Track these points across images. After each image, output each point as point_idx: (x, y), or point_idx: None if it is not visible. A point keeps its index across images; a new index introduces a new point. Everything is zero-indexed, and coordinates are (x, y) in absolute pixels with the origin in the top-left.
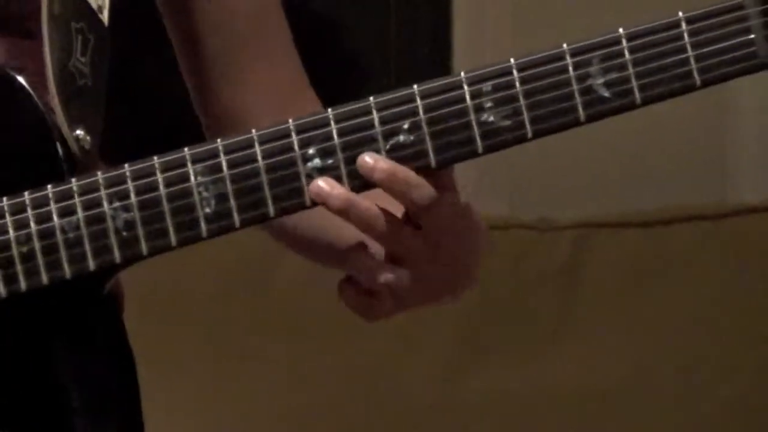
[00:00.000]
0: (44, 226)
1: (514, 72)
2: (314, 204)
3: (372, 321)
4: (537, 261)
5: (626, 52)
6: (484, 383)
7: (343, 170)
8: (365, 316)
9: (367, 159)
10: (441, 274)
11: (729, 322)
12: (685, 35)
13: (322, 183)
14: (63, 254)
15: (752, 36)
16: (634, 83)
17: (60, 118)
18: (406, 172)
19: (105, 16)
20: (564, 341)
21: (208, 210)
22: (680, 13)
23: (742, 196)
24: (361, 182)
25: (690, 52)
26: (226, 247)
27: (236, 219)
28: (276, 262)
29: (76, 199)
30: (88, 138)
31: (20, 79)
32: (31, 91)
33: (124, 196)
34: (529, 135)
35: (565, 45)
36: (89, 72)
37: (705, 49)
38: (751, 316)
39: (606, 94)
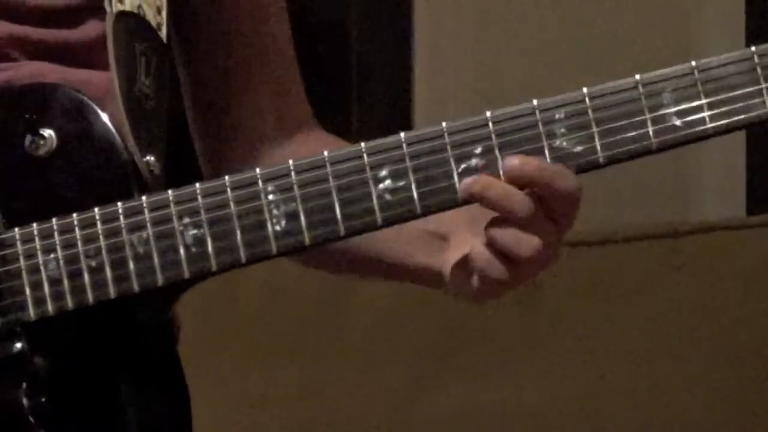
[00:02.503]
0: (113, 240)
1: (587, 100)
2: (385, 224)
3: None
4: None
5: (698, 84)
6: (447, 400)
7: (414, 192)
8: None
9: (515, 160)
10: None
11: (688, 339)
12: (758, 69)
13: (475, 178)
14: (132, 268)
15: None
16: (706, 113)
17: (132, 145)
18: (554, 166)
19: (164, 34)
20: (525, 359)
21: (278, 227)
22: (753, 48)
23: (702, 215)
24: (428, 204)
25: (763, 84)
26: None
27: (306, 237)
28: (238, 282)
29: (146, 215)
30: (158, 164)
31: (92, 104)
32: (106, 119)
33: (194, 212)
34: (602, 161)
35: (637, 76)
36: (153, 94)
37: None
38: (711, 333)
39: (677, 122)
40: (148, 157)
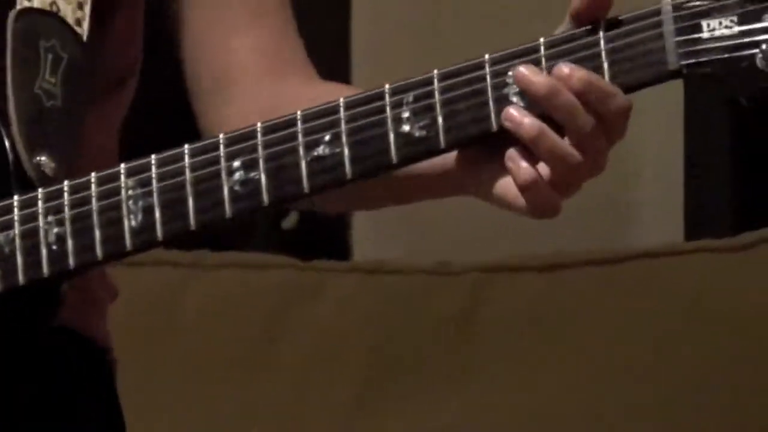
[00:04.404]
0: None
1: (435, 82)
2: (234, 216)
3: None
4: (435, 306)
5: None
6: (382, 428)
7: (263, 183)
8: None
9: (564, 69)
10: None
11: (627, 366)
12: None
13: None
14: None
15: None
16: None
17: (18, 143)
18: (600, 81)
19: (84, 29)
20: (462, 387)
21: (134, 223)
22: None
23: (641, 241)
24: (275, 196)
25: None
26: (128, 283)
27: (159, 232)
28: (179, 300)
29: (15, 214)
30: (52, 164)
31: None
32: None
33: (59, 210)
34: (442, 145)
35: (486, 56)
36: (60, 92)
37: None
38: (649, 362)
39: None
40: (39, 157)
